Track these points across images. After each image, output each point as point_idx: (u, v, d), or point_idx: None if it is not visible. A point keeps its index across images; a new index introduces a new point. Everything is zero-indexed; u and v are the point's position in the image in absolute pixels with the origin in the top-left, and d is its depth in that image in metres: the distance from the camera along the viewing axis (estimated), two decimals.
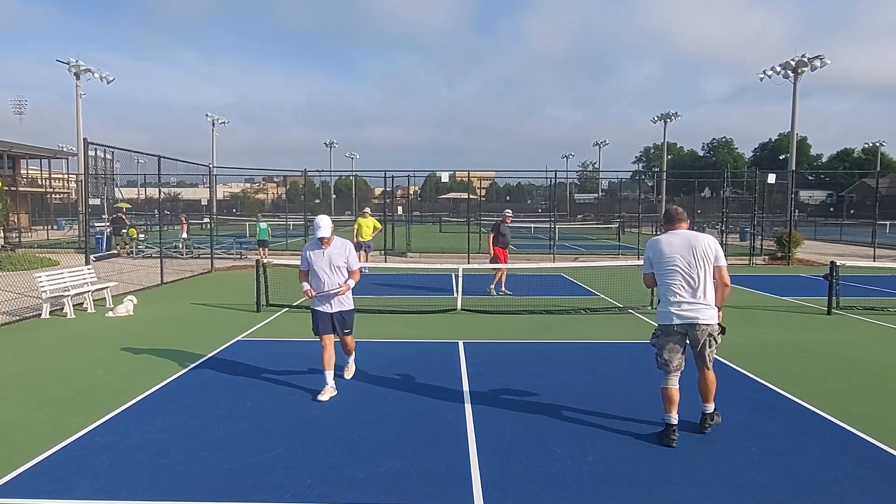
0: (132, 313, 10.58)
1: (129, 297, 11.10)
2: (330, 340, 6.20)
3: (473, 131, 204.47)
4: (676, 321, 4.83)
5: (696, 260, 4.82)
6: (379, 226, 18.17)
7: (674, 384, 4.93)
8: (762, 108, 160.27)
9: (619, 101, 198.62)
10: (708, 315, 4.83)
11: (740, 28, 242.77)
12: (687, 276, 4.82)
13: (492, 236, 13.33)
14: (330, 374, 6.14)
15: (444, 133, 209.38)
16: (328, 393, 6.02)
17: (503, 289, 13.29)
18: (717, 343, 4.95)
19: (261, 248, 20.73)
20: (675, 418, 4.89)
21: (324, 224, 6.00)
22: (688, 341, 4.93)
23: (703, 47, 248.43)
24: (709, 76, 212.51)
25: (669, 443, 4.83)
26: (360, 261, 17.98)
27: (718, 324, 4.92)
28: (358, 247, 17.85)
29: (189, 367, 7.19)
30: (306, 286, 6.20)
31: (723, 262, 4.90)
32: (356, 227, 17.54)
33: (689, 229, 5.06)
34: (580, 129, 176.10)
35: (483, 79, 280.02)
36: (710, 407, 5.10)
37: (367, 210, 18.32)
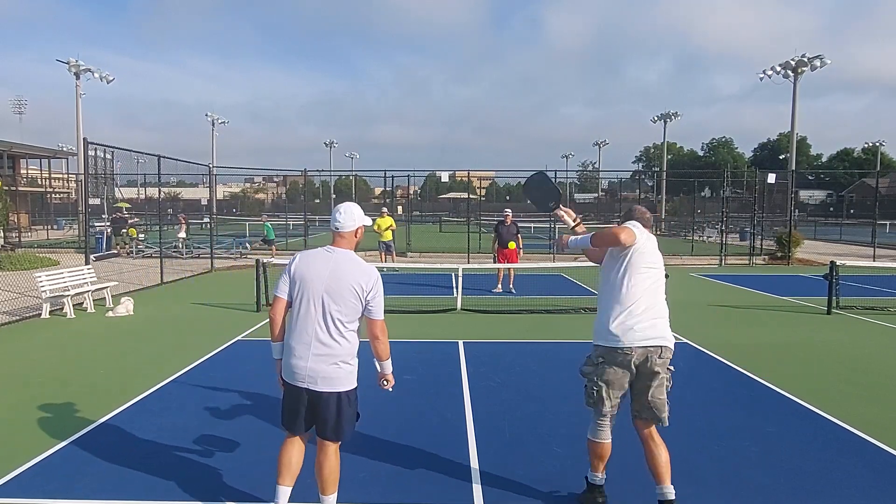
0: (132, 313, 10.58)
1: (125, 297, 11.06)
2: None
3: (483, 130, 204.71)
4: (629, 342, 3.54)
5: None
6: (394, 225, 18.39)
7: (608, 437, 3.76)
8: (766, 107, 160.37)
9: (624, 101, 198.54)
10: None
11: (752, 26, 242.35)
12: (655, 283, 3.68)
13: (493, 238, 13.67)
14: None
15: (453, 131, 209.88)
16: None
17: (510, 286, 13.59)
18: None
19: (269, 247, 21.70)
20: (602, 477, 3.87)
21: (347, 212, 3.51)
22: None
23: (714, 45, 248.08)
24: (715, 75, 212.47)
25: None
26: (391, 261, 17.55)
27: None
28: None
29: (189, 367, 7.19)
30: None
31: None
32: (376, 227, 17.72)
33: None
34: (585, 128, 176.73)
35: (492, 78, 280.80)
36: (672, 490, 3.66)
37: (385, 210, 18.79)
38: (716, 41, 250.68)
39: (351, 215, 3.47)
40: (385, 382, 3.67)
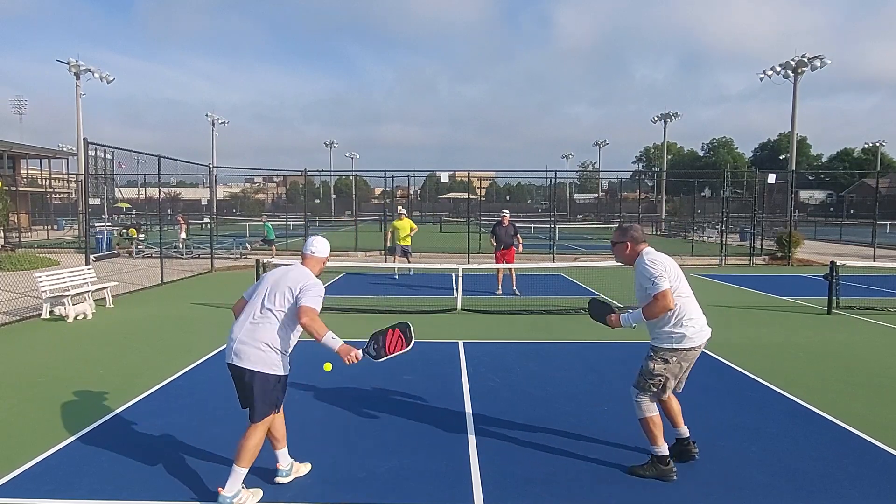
0: (90, 317, 10.24)
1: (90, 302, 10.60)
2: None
3: (485, 130, 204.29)
4: (701, 341, 4.34)
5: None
6: (415, 227, 16.88)
7: (656, 409, 4.43)
8: (766, 107, 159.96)
9: (625, 101, 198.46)
10: None
11: (758, 26, 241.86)
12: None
13: (490, 238, 13.53)
14: (281, 454, 4.40)
15: (456, 131, 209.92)
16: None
17: (513, 289, 13.33)
18: None
19: (269, 247, 21.84)
20: (667, 446, 4.37)
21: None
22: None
23: (719, 45, 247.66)
24: (717, 75, 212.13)
25: (672, 476, 4.27)
26: (406, 262, 16.46)
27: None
28: (393, 251, 16.64)
29: (189, 367, 7.19)
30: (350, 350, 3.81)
31: None
32: (391, 229, 16.79)
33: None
34: (586, 128, 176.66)
35: (497, 77, 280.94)
36: (687, 429, 4.65)
37: (403, 211, 17.64)
38: (721, 41, 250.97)
39: (325, 245, 4.24)
40: (346, 358, 3.75)
